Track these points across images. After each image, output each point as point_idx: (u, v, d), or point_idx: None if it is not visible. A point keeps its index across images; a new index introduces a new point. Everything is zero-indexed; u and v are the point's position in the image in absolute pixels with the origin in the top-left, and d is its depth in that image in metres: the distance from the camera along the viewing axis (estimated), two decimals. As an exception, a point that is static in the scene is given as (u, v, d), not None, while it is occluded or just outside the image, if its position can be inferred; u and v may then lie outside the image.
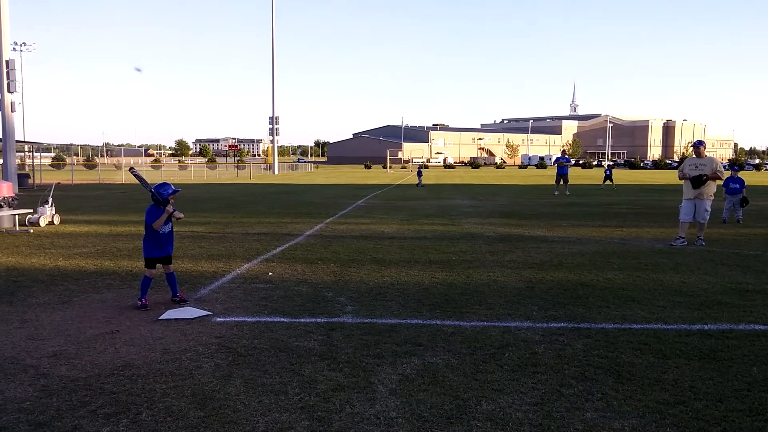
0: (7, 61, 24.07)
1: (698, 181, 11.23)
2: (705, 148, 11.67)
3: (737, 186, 15.46)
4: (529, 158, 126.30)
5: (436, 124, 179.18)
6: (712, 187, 11.32)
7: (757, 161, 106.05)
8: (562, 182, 27.60)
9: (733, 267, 9.12)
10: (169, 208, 6.55)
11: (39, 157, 44.74)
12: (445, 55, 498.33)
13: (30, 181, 33.84)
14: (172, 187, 6.75)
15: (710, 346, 5.31)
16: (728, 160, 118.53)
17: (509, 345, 5.35)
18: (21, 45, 70.74)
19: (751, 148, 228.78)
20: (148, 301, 6.66)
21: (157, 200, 6.55)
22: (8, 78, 23.95)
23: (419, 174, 37.41)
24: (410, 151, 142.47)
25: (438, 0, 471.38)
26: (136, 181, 7.47)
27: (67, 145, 68.34)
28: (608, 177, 34.37)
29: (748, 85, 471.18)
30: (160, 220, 6.52)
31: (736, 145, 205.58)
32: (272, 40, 68.60)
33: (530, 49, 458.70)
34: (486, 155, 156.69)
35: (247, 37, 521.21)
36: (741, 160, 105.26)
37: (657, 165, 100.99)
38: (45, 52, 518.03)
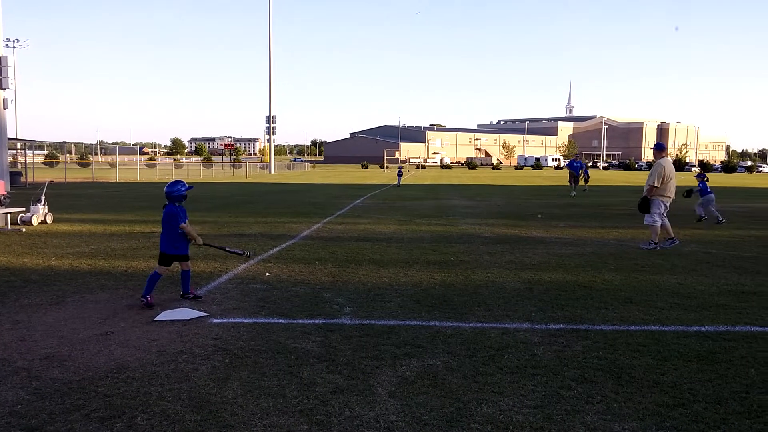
0: None
1: (643, 206, 10.95)
2: (666, 152, 11.07)
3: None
4: (525, 159, 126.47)
5: (433, 125, 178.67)
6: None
7: (749, 163, 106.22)
8: (573, 182, 29.28)
9: (729, 269, 9.12)
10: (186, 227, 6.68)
11: (32, 154, 44.49)
12: (442, 55, 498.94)
13: (22, 179, 33.64)
14: (186, 184, 6.86)
15: (708, 348, 5.30)
16: (720, 162, 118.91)
17: (509, 347, 5.32)
18: (14, 41, 70.22)
19: (743, 150, 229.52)
20: (153, 299, 6.58)
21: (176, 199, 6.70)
22: (1, 74, 23.82)
23: (399, 174, 38.38)
24: (407, 151, 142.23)
25: (434, 1, 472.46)
26: (130, 180, 7.49)
27: (60, 142, 68.12)
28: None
29: (741, 87, 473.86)
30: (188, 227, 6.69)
31: (728, 147, 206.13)
32: (269, 38, 68.62)
33: (526, 51, 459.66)
34: (482, 156, 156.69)
35: (245, 36, 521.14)
36: (734, 162, 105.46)
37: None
38: (38, 49, 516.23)
